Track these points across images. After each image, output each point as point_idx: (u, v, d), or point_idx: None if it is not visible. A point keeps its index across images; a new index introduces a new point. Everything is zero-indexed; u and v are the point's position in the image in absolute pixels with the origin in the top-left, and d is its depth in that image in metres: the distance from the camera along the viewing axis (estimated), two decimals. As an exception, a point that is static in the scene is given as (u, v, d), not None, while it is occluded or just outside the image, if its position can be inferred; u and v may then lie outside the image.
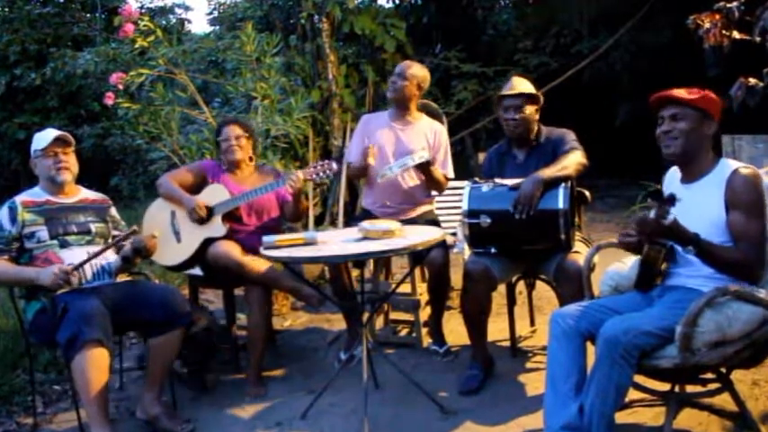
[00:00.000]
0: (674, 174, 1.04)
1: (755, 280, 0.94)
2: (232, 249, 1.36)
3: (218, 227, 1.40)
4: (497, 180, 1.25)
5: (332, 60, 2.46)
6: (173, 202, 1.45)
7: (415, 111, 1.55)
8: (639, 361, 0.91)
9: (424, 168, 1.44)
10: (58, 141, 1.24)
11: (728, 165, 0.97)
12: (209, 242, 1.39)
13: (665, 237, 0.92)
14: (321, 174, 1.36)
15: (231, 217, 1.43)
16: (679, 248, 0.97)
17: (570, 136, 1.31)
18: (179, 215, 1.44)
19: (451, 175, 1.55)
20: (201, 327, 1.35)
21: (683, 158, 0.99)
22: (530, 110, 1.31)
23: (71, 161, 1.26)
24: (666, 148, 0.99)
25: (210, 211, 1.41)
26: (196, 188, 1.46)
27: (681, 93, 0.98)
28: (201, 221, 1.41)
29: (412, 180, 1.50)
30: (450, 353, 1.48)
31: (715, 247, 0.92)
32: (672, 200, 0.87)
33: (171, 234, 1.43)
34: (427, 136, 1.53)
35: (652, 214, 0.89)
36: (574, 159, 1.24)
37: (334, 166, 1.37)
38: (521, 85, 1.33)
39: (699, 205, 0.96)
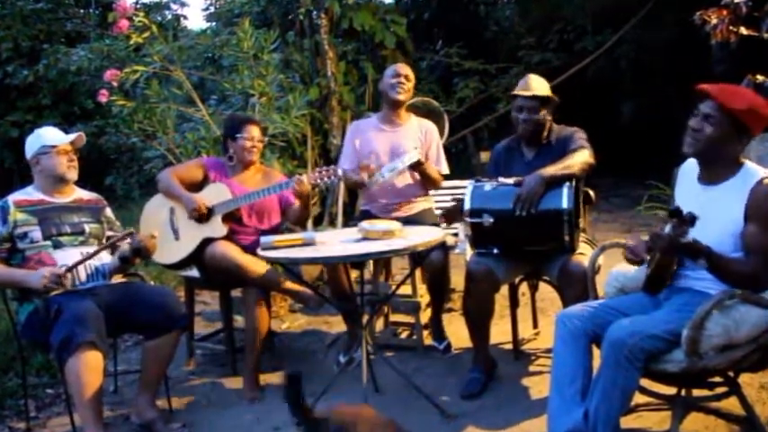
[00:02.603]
0: (691, 168, 0.99)
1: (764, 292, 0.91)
2: (231, 250, 1.34)
3: (218, 227, 1.37)
4: (500, 179, 1.23)
5: (331, 57, 2.41)
6: (172, 198, 1.42)
7: (405, 112, 1.55)
8: (646, 364, 0.89)
9: (418, 168, 1.42)
10: (74, 141, 1.24)
11: (753, 172, 0.92)
12: (207, 242, 1.36)
13: (678, 253, 0.90)
14: (326, 179, 1.33)
15: (231, 217, 1.41)
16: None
17: (579, 134, 1.28)
18: (178, 212, 1.41)
19: (446, 170, 1.53)
20: None
21: (698, 159, 0.95)
22: (543, 112, 1.28)
23: (76, 161, 1.26)
24: (687, 145, 0.93)
25: (211, 211, 1.38)
26: (197, 185, 1.43)
27: (726, 93, 0.89)
28: (201, 220, 1.38)
29: (405, 179, 1.49)
30: (449, 349, 1.47)
31: (726, 260, 0.90)
32: (693, 220, 0.83)
33: (169, 231, 1.40)
34: (419, 135, 1.52)
35: (667, 229, 0.85)
36: (579, 158, 1.22)
37: (340, 171, 1.35)
38: (537, 85, 1.29)
39: (717, 211, 0.92)
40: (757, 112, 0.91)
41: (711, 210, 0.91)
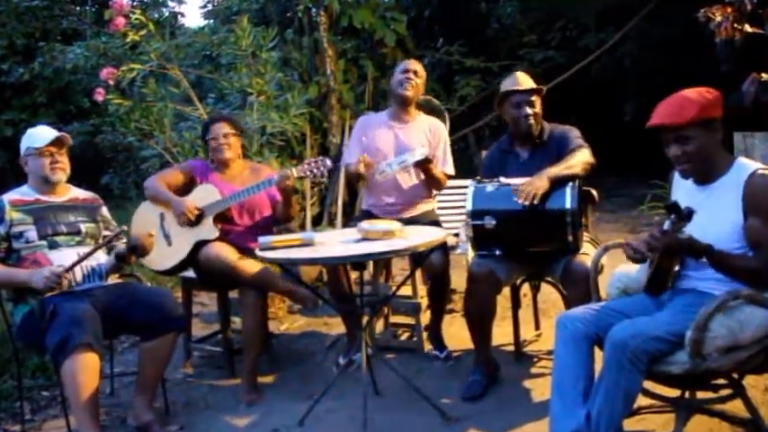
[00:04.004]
0: None
1: None
2: (225, 251, 1.32)
3: (209, 229, 1.36)
4: (502, 179, 1.22)
5: (330, 55, 2.39)
6: (161, 204, 1.41)
7: (414, 109, 1.53)
8: (649, 366, 0.88)
9: (424, 166, 1.41)
10: (56, 142, 1.21)
11: (745, 166, 0.93)
12: (200, 245, 1.35)
13: (678, 251, 0.89)
14: (315, 171, 1.31)
15: (222, 217, 1.39)
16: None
17: (574, 133, 1.28)
18: (168, 218, 1.40)
19: (451, 171, 1.52)
20: None
21: (703, 170, 0.94)
22: (539, 103, 1.28)
23: (65, 161, 1.24)
24: (683, 172, 0.94)
25: (201, 213, 1.37)
26: (185, 189, 1.42)
27: (674, 113, 0.90)
28: (192, 224, 1.37)
29: (411, 179, 1.48)
30: (450, 358, 1.46)
31: (730, 257, 0.89)
32: (690, 215, 0.83)
33: (161, 237, 1.39)
34: (426, 133, 1.50)
35: (666, 226, 0.85)
36: (581, 158, 1.21)
37: (328, 162, 1.33)
38: (525, 79, 1.30)
39: (715, 209, 0.92)
40: (709, 102, 0.90)
41: (709, 208, 0.90)
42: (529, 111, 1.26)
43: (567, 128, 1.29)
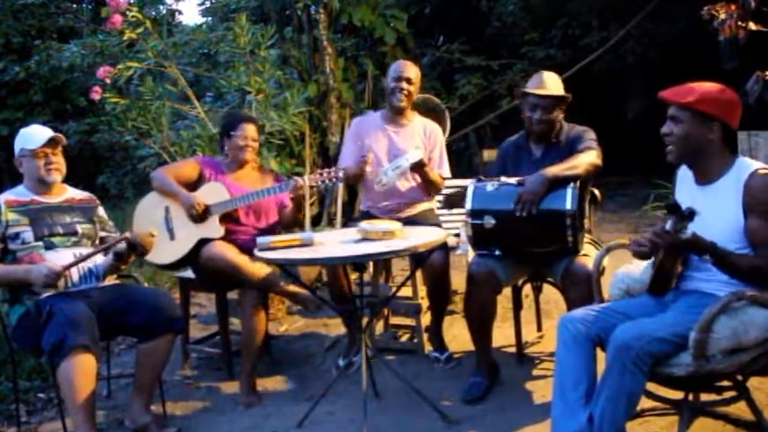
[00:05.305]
0: (687, 173, 0.99)
1: None
2: (227, 251, 1.31)
3: (214, 228, 1.35)
4: (503, 178, 1.21)
5: (329, 53, 2.37)
6: (168, 196, 1.39)
7: (410, 111, 1.51)
8: (652, 368, 0.87)
9: (419, 169, 1.39)
10: (50, 142, 1.20)
11: (746, 165, 0.92)
12: (203, 242, 1.34)
13: (681, 249, 0.89)
14: (327, 181, 1.31)
15: (228, 217, 1.38)
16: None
17: (588, 135, 1.26)
18: (174, 211, 1.38)
19: (447, 174, 1.51)
20: None
21: (683, 162, 0.95)
22: (557, 112, 1.26)
23: (60, 161, 1.23)
24: (667, 153, 0.95)
25: (207, 210, 1.35)
26: (192, 185, 1.40)
27: (678, 93, 0.92)
28: (197, 220, 1.35)
29: (408, 182, 1.46)
30: (451, 360, 1.44)
31: (734, 255, 0.88)
32: (691, 215, 0.82)
33: (164, 231, 1.37)
34: (421, 136, 1.48)
35: (668, 226, 0.84)
36: (585, 159, 1.19)
37: (341, 174, 1.32)
38: (551, 84, 1.26)
39: (715, 209, 0.91)
40: (713, 99, 0.91)
41: (710, 209, 0.90)
42: (542, 116, 1.24)
43: (583, 129, 1.27)
